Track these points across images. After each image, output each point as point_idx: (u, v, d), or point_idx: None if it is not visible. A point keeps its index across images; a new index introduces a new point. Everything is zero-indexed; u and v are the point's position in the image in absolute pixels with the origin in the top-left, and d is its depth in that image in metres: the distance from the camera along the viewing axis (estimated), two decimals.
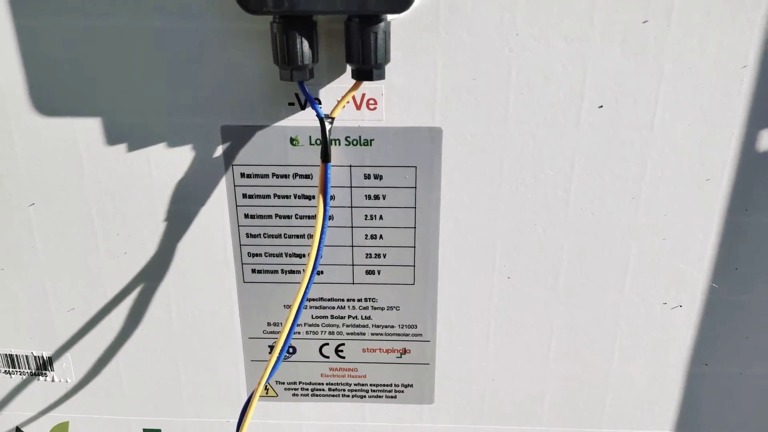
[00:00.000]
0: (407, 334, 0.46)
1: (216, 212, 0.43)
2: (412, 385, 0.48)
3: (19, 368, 0.49)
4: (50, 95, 0.40)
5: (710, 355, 0.46)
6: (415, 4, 0.34)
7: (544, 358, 0.47)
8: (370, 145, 0.41)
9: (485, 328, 0.46)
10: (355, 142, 0.41)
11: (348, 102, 0.39)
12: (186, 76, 0.39)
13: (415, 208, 0.42)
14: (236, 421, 0.47)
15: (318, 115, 0.37)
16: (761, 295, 0.44)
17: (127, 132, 0.40)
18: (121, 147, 0.41)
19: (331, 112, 0.38)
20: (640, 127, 0.39)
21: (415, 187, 0.42)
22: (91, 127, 0.40)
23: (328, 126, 0.38)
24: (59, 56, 0.38)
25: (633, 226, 0.42)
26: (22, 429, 0.52)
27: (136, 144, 0.41)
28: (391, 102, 0.39)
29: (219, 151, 0.41)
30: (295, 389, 0.49)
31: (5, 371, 0.49)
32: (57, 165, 0.42)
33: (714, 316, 0.45)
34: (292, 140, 0.41)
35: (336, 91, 0.39)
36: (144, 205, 0.42)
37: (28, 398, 0.50)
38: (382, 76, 0.36)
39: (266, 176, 0.42)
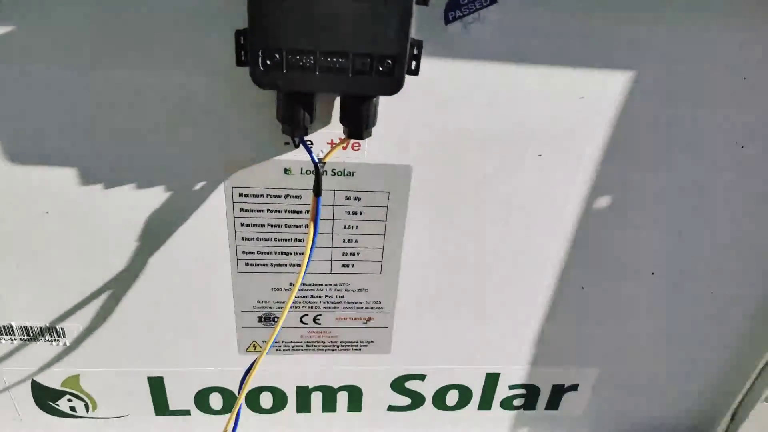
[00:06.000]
0: (372, 308, 0.58)
1: (217, 220, 0.50)
2: (374, 341, 0.61)
3: (35, 337, 0.56)
4: (84, 134, 0.44)
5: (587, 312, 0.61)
6: None
7: (477, 324, 0.60)
8: (353, 176, 0.48)
9: (433, 302, 0.58)
10: (339, 173, 0.48)
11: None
12: (202, 120, 0.44)
13: (385, 221, 0.51)
14: (228, 368, 0.59)
15: (313, 161, 0.44)
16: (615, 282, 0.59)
17: (150, 157, 0.46)
18: (144, 174, 0.46)
19: (324, 158, 0.45)
20: (568, 170, 0.49)
21: (387, 207, 0.50)
22: (119, 153, 0.45)
23: (321, 168, 0.45)
24: (90, 104, 0.43)
25: (556, 233, 0.53)
26: (37, 380, 0.60)
27: (155, 167, 0.46)
28: (372, 145, 0.46)
29: (222, 176, 0.47)
30: (278, 346, 0.60)
31: (21, 339, 0.56)
32: (74, 180, 0.46)
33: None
34: (285, 170, 0.47)
35: (324, 135, 0.46)
36: (160, 218, 0.49)
37: (45, 358, 0.58)
38: (369, 135, 0.43)
39: (261, 196, 0.49)
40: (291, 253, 0.53)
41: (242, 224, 0.50)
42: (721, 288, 0.59)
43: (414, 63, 0.39)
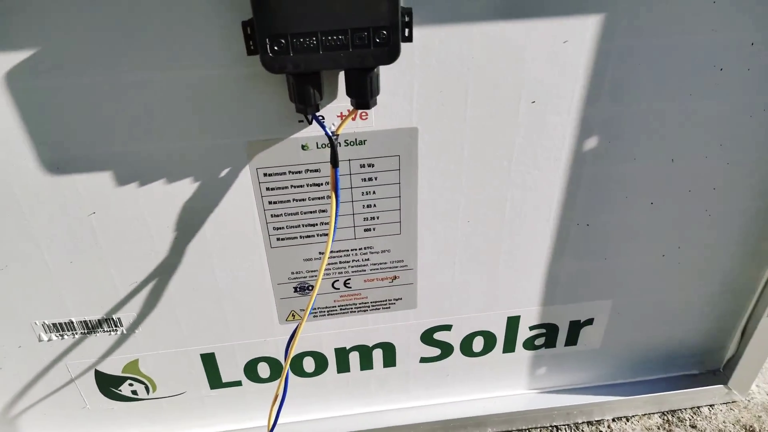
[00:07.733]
0: (396, 267, 0.62)
1: (247, 202, 0.55)
2: (401, 299, 0.66)
3: (94, 329, 0.62)
4: (118, 137, 0.49)
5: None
6: None
7: (493, 272, 0.65)
8: (364, 144, 0.53)
9: (451, 255, 0.63)
10: (352, 143, 0.53)
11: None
12: (221, 110, 0.49)
13: (399, 183, 0.56)
14: (272, 338, 0.64)
15: (327, 135, 0.49)
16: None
17: (179, 152, 0.51)
18: (173, 163, 0.51)
19: (337, 130, 0.49)
20: (561, 112, 0.53)
21: (399, 169, 0.55)
22: (150, 152, 0.50)
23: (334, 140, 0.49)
24: (119, 108, 0.47)
25: (556, 174, 0.58)
26: (100, 369, 0.66)
27: (185, 160, 0.51)
28: (379, 113, 0.51)
29: (246, 159, 0.52)
30: (315, 312, 0.65)
31: (82, 332, 0.62)
32: (114, 181, 0.51)
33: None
34: (303, 146, 0.52)
35: (334, 110, 0.50)
36: (192, 203, 0.54)
37: (104, 347, 0.64)
38: (375, 104, 0.48)
39: (284, 174, 0.53)
40: (317, 224, 0.58)
41: (270, 202, 0.55)
42: (715, 207, 0.63)
43: (407, 30, 0.43)
